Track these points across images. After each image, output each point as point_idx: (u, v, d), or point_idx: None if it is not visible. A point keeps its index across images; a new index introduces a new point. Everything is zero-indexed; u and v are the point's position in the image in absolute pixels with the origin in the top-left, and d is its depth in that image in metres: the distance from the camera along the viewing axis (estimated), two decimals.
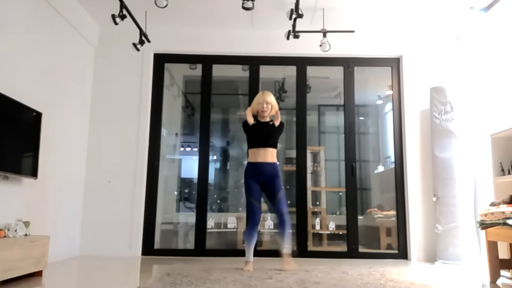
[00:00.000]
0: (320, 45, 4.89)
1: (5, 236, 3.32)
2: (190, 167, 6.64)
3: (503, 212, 3.47)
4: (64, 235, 4.76)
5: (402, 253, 5.27)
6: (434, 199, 4.98)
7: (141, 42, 4.85)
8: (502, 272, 3.76)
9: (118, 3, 4.25)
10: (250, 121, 4.19)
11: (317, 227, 5.75)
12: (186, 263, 4.48)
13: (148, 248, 5.23)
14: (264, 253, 5.02)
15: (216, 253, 5.27)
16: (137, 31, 4.81)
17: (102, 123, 5.35)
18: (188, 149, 7.37)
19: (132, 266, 4.49)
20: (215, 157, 7.73)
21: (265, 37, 5.52)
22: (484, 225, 3.68)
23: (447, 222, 4.83)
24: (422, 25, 5.40)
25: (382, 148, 7.10)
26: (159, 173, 5.46)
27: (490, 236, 3.64)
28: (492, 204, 3.76)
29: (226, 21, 5.35)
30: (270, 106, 4.20)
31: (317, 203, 6.20)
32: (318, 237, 5.82)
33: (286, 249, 4.10)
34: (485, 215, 3.65)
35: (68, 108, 4.83)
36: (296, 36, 4.77)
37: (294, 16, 4.39)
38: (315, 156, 6.36)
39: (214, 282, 3.26)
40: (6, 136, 3.53)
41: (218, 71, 5.70)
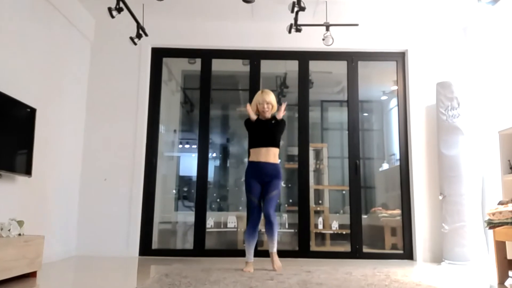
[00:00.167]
0: (323, 39, 4.86)
1: None
2: (189, 164, 6.68)
3: None
4: (60, 234, 4.75)
5: (407, 253, 5.25)
6: (441, 197, 4.95)
7: (139, 36, 4.83)
8: (511, 273, 3.69)
9: None
10: (252, 117, 4.17)
11: (320, 226, 5.73)
12: (184, 264, 4.47)
13: (146, 248, 5.21)
14: (264, 253, 4.94)
15: (215, 253, 5.26)
16: (134, 24, 4.78)
17: (99, 119, 5.34)
18: (187, 146, 7.42)
19: (129, 267, 4.47)
20: (214, 155, 7.75)
21: (266, 30, 5.49)
22: (492, 225, 3.67)
23: (453, 222, 4.80)
24: (428, 19, 5.38)
25: (386, 145, 7.12)
26: (157, 171, 5.45)
27: (498, 236, 3.60)
28: (500, 203, 3.73)
29: (226, 14, 5.34)
30: (270, 106, 4.23)
31: (320, 201, 6.21)
32: (320, 236, 5.80)
33: (273, 248, 4.17)
34: (493, 214, 3.63)
35: (63, 103, 4.82)
36: (298, 30, 4.76)
37: (296, 9, 4.37)
38: (317, 153, 6.36)
39: (214, 283, 3.24)
40: None
41: (217, 65, 5.68)
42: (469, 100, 5.00)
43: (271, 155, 4.14)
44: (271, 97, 4.22)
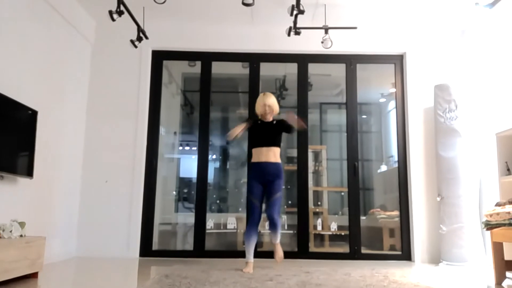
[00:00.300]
0: (322, 42, 4.88)
1: (0, 237, 3.29)
2: (189, 166, 6.67)
3: (509, 213, 3.46)
4: (61, 236, 4.74)
5: (405, 254, 5.25)
6: (438, 199, 4.95)
7: (139, 39, 4.82)
8: (508, 274, 3.72)
9: None
10: (233, 134, 4.21)
11: (319, 227, 5.73)
12: (185, 265, 4.47)
13: (146, 249, 5.21)
14: (264, 254, 4.97)
15: (215, 254, 5.25)
16: (135, 27, 4.78)
17: (99, 121, 5.33)
18: (187, 148, 7.40)
19: (129, 268, 4.47)
20: (214, 156, 7.73)
21: (266, 33, 5.49)
22: (489, 226, 3.67)
23: (451, 223, 4.80)
24: (426, 21, 5.38)
25: (385, 147, 7.11)
26: (157, 173, 5.44)
27: (495, 237, 3.61)
28: (498, 204, 3.74)
29: (226, 17, 5.34)
30: (271, 108, 4.30)
31: (319, 203, 6.20)
32: (319, 238, 5.81)
33: (276, 240, 4.30)
34: (491, 215, 3.64)
35: (64, 106, 4.81)
36: (297, 33, 4.75)
37: (295, 12, 4.38)
38: (316, 155, 6.36)
39: (214, 284, 3.25)
40: (0, 134, 3.50)
41: (217, 68, 5.68)
42: (466, 102, 4.99)
43: (272, 154, 4.21)
44: (272, 100, 4.30)
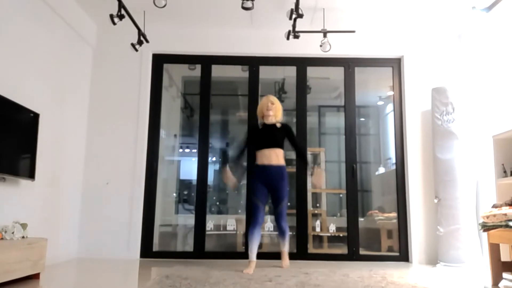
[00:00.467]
0: (321, 45, 4.89)
1: (2, 239, 3.30)
2: (189, 168, 6.67)
3: (505, 214, 3.46)
4: (62, 237, 4.75)
5: (403, 255, 5.25)
6: (436, 201, 4.97)
7: (140, 43, 4.83)
8: (504, 275, 3.72)
9: (116, 3, 4.24)
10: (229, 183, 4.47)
11: (317, 229, 5.73)
12: (185, 266, 4.47)
13: (147, 251, 5.21)
14: (264, 255, 4.96)
15: (215, 256, 5.25)
16: (136, 31, 4.80)
17: (100, 124, 5.33)
18: (187, 150, 7.39)
19: (130, 269, 4.48)
20: (214, 159, 7.74)
21: (265, 37, 5.50)
22: (486, 227, 3.66)
23: (448, 224, 4.81)
24: (424, 25, 5.39)
25: (383, 150, 7.11)
26: (158, 175, 5.44)
27: (492, 238, 3.62)
28: (494, 206, 3.75)
29: (226, 21, 5.35)
30: (274, 106, 4.44)
31: (317, 205, 6.19)
32: (318, 239, 5.81)
33: (284, 247, 4.48)
34: (487, 217, 3.64)
35: (65, 109, 4.82)
36: (296, 36, 4.76)
37: (294, 16, 4.38)
38: (315, 157, 6.37)
39: (214, 285, 3.26)
40: (2, 137, 3.51)
41: (217, 71, 5.68)
42: (463, 105, 4.99)
43: (274, 155, 4.32)
44: (276, 99, 4.51)
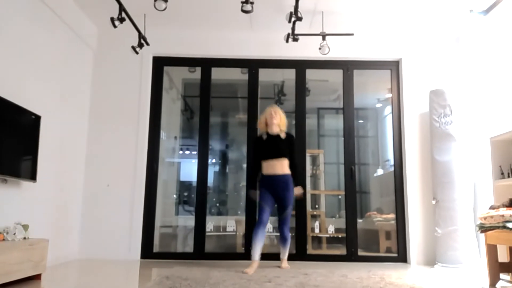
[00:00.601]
0: (319, 48, 4.91)
1: (3, 240, 3.31)
2: (189, 170, 6.67)
3: (503, 215, 3.47)
4: (63, 238, 4.76)
5: (401, 256, 5.27)
6: (434, 202, 4.98)
7: (140, 45, 4.85)
8: (502, 276, 3.76)
9: (117, 6, 4.26)
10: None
11: (316, 230, 5.73)
12: (185, 267, 4.48)
13: (147, 252, 5.22)
14: (263, 256, 4.94)
15: (215, 257, 5.27)
16: (136, 34, 4.82)
17: (101, 126, 5.35)
18: (187, 152, 7.40)
19: (131, 270, 4.49)
20: (214, 160, 7.76)
21: (264, 40, 5.52)
22: (483, 229, 3.68)
23: (446, 226, 4.82)
24: (422, 28, 5.41)
25: (381, 151, 7.11)
26: (158, 176, 5.45)
27: (489, 240, 3.63)
28: (492, 208, 3.77)
29: (225, 24, 5.36)
30: (277, 115, 4.57)
31: (316, 206, 6.21)
32: (317, 240, 5.81)
33: (284, 255, 4.61)
34: (485, 218, 3.65)
35: (67, 111, 4.84)
36: (295, 39, 4.78)
37: (293, 19, 4.40)
38: (314, 159, 6.37)
39: (213, 286, 3.27)
40: (5, 139, 3.53)
41: (217, 74, 5.69)
42: (461, 107, 5.00)
43: (279, 166, 4.47)
44: (278, 109, 4.63)
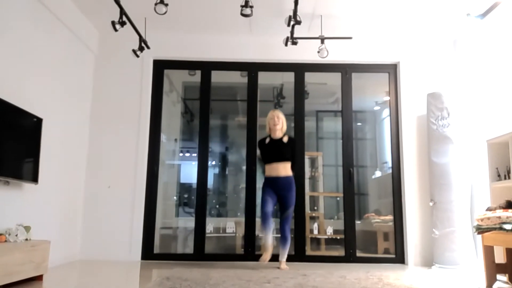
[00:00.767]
0: (318, 52, 4.93)
1: (6, 241, 3.33)
2: (189, 172, 6.68)
3: (499, 217, 3.49)
4: (65, 239, 4.78)
5: (399, 257, 5.28)
6: (431, 204, 5.00)
7: (141, 49, 4.86)
8: (498, 277, 3.77)
9: (118, 10, 4.27)
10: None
11: (315, 231, 5.75)
12: (185, 267, 4.50)
13: (148, 253, 5.24)
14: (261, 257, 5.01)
15: (215, 258, 5.29)
16: (137, 37, 4.84)
17: (102, 129, 5.37)
18: (187, 154, 7.41)
19: (131, 271, 4.51)
20: (214, 163, 7.77)
21: (264, 43, 5.54)
22: (480, 230, 3.70)
23: (443, 227, 4.85)
24: (419, 32, 5.44)
25: (379, 154, 7.11)
26: (159, 178, 5.47)
27: (486, 241, 3.65)
28: (489, 209, 3.78)
29: (225, 27, 5.39)
30: (280, 120, 4.75)
31: (315, 208, 6.23)
32: (316, 241, 5.82)
33: (282, 258, 4.62)
34: (482, 220, 3.67)
35: (68, 113, 4.86)
36: (294, 43, 4.80)
37: (292, 23, 4.42)
38: (313, 161, 6.40)
39: (213, 286, 3.29)
40: (7, 141, 3.54)
41: (217, 77, 5.72)
42: (458, 110, 5.03)
43: (282, 168, 4.64)
44: (281, 113, 4.80)
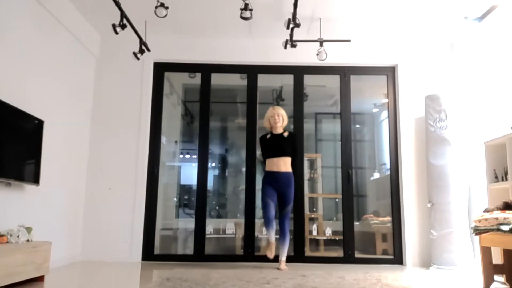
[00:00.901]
0: (317, 54, 4.95)
1: (7, 242, 3.34)
2: (189, 174, 6.68)
3: (497, 218, 3.49)
4: (66, 240, 4.80)
5: (397, 258, 5.30)
6: (429, 205, 5.02)
7: (141, 51, 4.87)
8: (496, 277, 3.79)
9: (118, 12, 4.28)
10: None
11: (314, 233, 5.76)
12: (185, 268, 4.52)
13: (148, 254, 5.25)
14: (262, 258, 5.00)
15: (215, 259, 5.30)
16: (137, 40, 4.85)
17: (103, 131, 5.39)
18: (188, 156, 7.41)
19: (132, 271, 4.53)
20: (213, 164, 7.78)
21: (263, 46, 5.56)
22: (478, 231, 3.70)
23: (441, 228, 4.86)
24: (417, 35, 5.46)
25: (377, 155, 7.13)
26: (159, 180, 5.49)
27: (484, 242, 3.65)
28: (486, 210, 3.78)
29: (225, 30, 5.41)
30: (281, 117, 4.80)
31: (314, 209, 6.23)
32: (315, 242, 5.83)
33: (282, 256, 4.67)
34: (479, 221, 3.67)
35: (69, 115, 4.88)
36: (293, 46, 4.82)
37: (291, 25, 4.45)
38: (312, 163, 6.41)
39: (213, 287, 3.31)
40: (8, 143, 3.56)
41: (216, 79, 5.74)
42: (456, 112, 5.05)
43: (282, 163, 4.69)
44: (282, 110, 4.85)
